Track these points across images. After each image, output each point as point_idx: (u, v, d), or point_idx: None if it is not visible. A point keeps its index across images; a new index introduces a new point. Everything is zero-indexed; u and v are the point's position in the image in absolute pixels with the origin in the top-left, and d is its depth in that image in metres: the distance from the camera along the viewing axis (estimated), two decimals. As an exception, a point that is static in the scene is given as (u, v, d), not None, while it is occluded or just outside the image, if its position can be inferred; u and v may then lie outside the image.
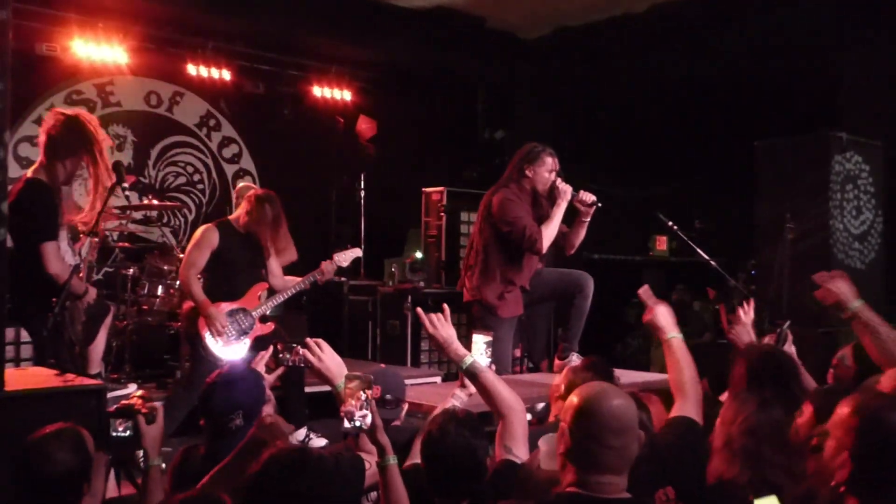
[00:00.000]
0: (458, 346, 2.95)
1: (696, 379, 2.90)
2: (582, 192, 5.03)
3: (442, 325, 2.94)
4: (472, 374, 2.89)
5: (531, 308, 5.46)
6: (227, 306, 5.13)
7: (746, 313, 3.85)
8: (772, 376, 3.03)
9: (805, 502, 2.30)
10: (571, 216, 5.17)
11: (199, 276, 5.12)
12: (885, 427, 2.06)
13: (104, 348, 4.79)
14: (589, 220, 5.11)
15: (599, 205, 5.02)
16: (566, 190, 4.98)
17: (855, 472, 2.05)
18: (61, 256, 4.09)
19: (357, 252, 5.61)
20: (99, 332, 4.53)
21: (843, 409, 2.14)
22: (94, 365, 4.47)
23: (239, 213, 5.26)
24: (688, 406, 2.78)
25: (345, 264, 5.55)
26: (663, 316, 3.06)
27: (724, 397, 3.28)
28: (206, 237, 5.14)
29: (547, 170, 5.05)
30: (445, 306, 3.00)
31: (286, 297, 5.40)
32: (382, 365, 3.39)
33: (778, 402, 2.83)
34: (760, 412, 2.69)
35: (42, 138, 4.28)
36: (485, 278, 5.10)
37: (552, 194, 5.05)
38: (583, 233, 5.19)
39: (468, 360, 2.92)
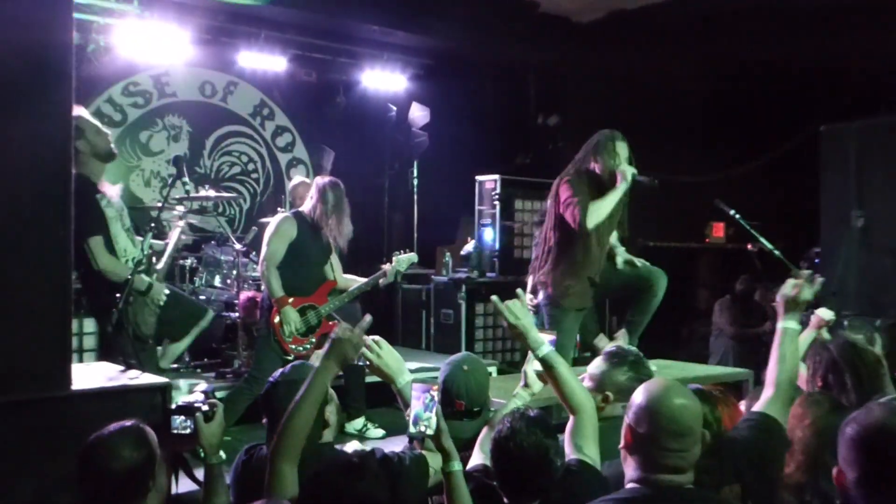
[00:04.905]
0: (535, 333, 2.84)
1: (795, 377, 2.78)
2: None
3: (520, 313, 2.83)
4: (548, 365, 2.80)
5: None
6: (299, 302, 5.14)
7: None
8: (839, 371, 2.93)
9: None
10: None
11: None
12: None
13: (186, 347, 4.92)
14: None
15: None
16: (625, 172, 4.83)
17: None
18: (108, 250, 4.11)
19: (413, 257, 5.54)
20: (188, 333, 4.64)
21: None
22: (165, 359, 4.52)
23: (308, 203, 5.24)
24: (775, 403, 2.67)
25: (402, 268, 5.49)
26: (797, 299, 2.82)
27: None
28: (285, 228, 5.10)
29: (610, 156, 4.90)
30: (520, 291, 2.92)
31: (352, 297, 5.39)
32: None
33: (851, 401, 2.75)
34: (831, 416, 2.59)
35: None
36: (552, 269, 4.99)
37: (614, 179, 4.89)
38: None
39: (545, 348, 2.82)
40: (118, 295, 3.67)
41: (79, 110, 4.22)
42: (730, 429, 2.72)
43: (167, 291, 4.33)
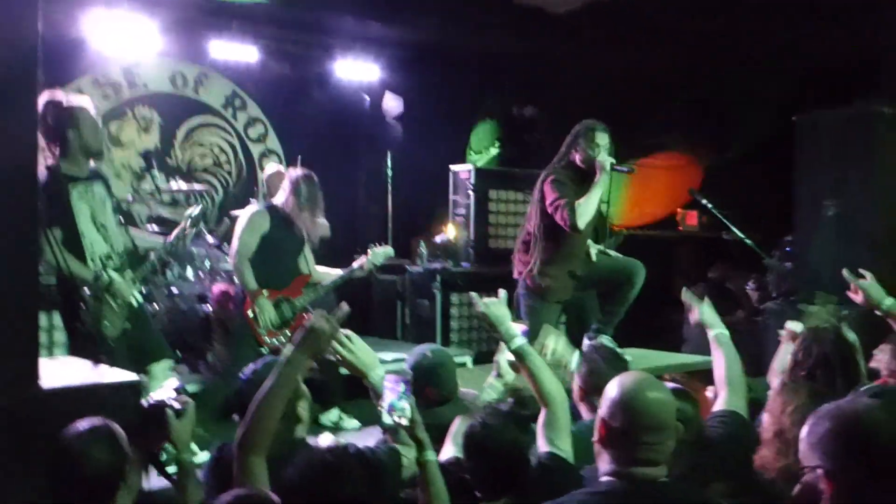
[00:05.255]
0: (510, 325, 2.88)
1: (742, 373, 2.87)
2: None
3: (495, 305, 2.88)
4: (520, 356, 2.82)
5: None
6: (273, 295, 5.09)
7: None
8: (830, 364, 2.98)
9: None
10: None
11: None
12: None
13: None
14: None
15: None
16: (603, 163, 4.83)
17: None
18: (69, 246, 4.00)
19: (389, 251, 5.50)
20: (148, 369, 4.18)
21: None
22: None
23: (281, 196, 5.20)
24: (735, 399, 2.73)
25: (378, 261, 5.46)
26: (708, 314, 3.17)
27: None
28: (256, 221, 5.06)
29: (589, 147, 4.91)
30: (502, 291, 2.97)
31: (327, 290, 5.35)
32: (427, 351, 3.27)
33: (833, 391, 2.78)
34: (816, 403, 2.62)
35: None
36: (535, 260, 5.00)
37: (594, 170, 4.88)
38: None
39: (518, 340, 2.85)
40: (86, 290, 3.62)
41: (84, 102, 4.13)
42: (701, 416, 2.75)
43: (140, 292, 4.20)
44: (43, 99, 4.00)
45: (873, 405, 1.98)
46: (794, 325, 3.78)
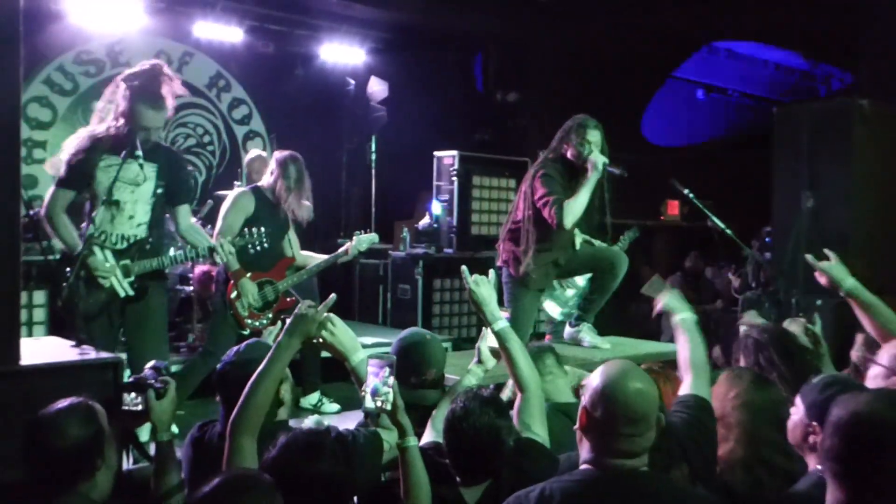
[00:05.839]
0: (495, 307, 2.93)
1: (707, 358, 2.87)
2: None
3: (484, 285, 2.92)
4: (502, 339, 2.87)
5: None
6: (256, 277, 5.10)
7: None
8: (769, 356, 3.02)
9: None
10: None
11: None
12: None
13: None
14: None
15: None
16: (595, 161, 4.83)
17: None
18: (59, 204, 4.01)
19: (374, 237, 5.50)
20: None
21: None
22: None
23: (267, 178, 5.19)
24: (699, 384, 2.75)
25: (362, 248, 5.46)
26: (672, 301, 3.02)
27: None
28: (241, 202, 5.05)
29: (581, 144, 4.90)
30: (491, 271, 3.00)
31: (310, 274, 5.36)
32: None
33: (776, 379, 2.84)
34: (756, 389, 2.67)
35: None
36: (519, 249, 5.03)
37: (586, 166, 4.88)
38: None
39: (501, 322, 2.90)
40: (68, 270, 3.61)
41: (166, 98, 4.15)
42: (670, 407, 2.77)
43: (122, 281, 4.06)
44: (149, 63, 4.21)
45: (886, 401, 1.95)
46: (752, 317, 3.83)
